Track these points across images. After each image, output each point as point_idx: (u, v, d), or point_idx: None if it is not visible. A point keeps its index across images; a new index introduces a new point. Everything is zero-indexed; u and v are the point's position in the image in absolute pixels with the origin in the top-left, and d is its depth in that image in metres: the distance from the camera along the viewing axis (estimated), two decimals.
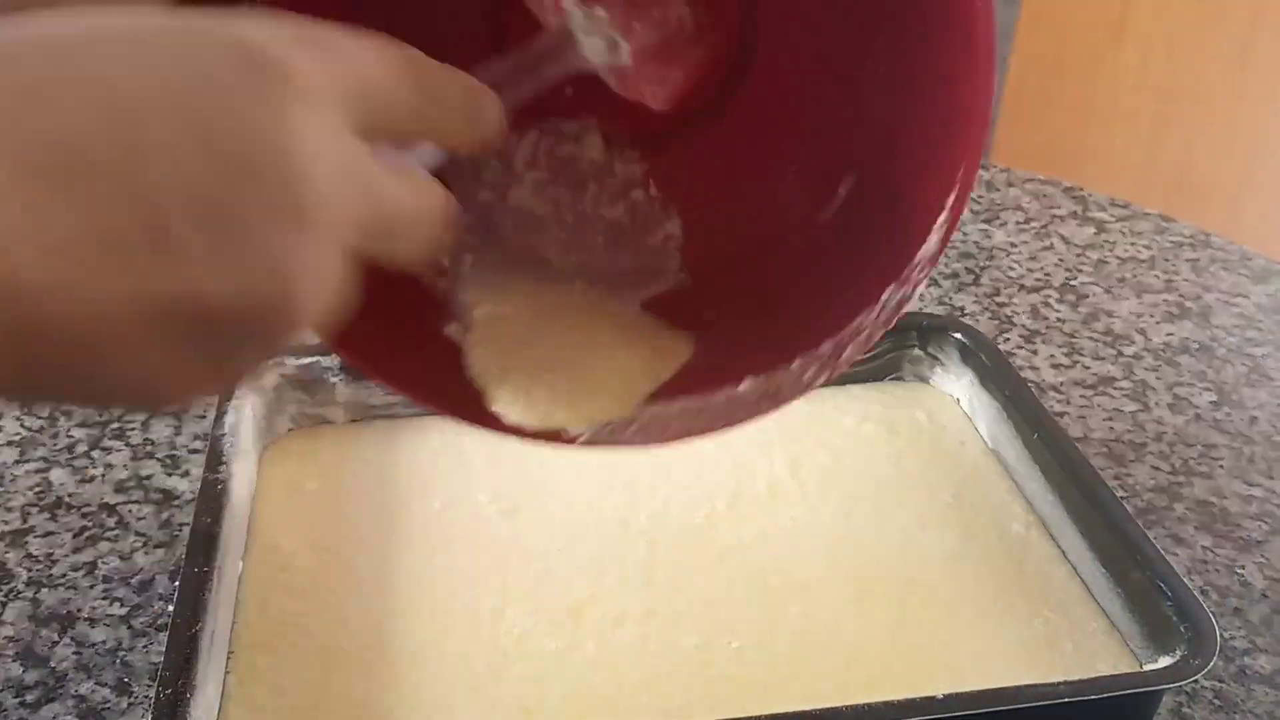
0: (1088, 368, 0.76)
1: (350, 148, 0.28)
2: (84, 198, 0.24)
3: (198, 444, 0.66)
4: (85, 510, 0.61)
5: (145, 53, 0.26)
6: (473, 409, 0.48)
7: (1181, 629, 0.49)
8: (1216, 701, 0.53)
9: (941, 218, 0.43)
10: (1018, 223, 0.94)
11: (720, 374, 0.49)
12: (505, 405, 0.46)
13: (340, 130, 0.28)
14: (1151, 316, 0.82)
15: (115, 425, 0.67)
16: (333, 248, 0.28)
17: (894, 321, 0.45)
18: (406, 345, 0.48)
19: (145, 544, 0.59)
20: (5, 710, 0.50)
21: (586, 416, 0.47)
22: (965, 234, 0.92)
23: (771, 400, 0.47)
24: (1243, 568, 0.60)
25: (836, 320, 0.48)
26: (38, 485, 0.63)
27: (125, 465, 0.64)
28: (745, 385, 0.48)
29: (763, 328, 0.51)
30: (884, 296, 0.46)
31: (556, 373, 0.47)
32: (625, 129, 0.51)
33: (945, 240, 0.44)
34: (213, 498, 0.54)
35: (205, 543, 0.51)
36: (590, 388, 0.47)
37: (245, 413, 0.59)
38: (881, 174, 0.49)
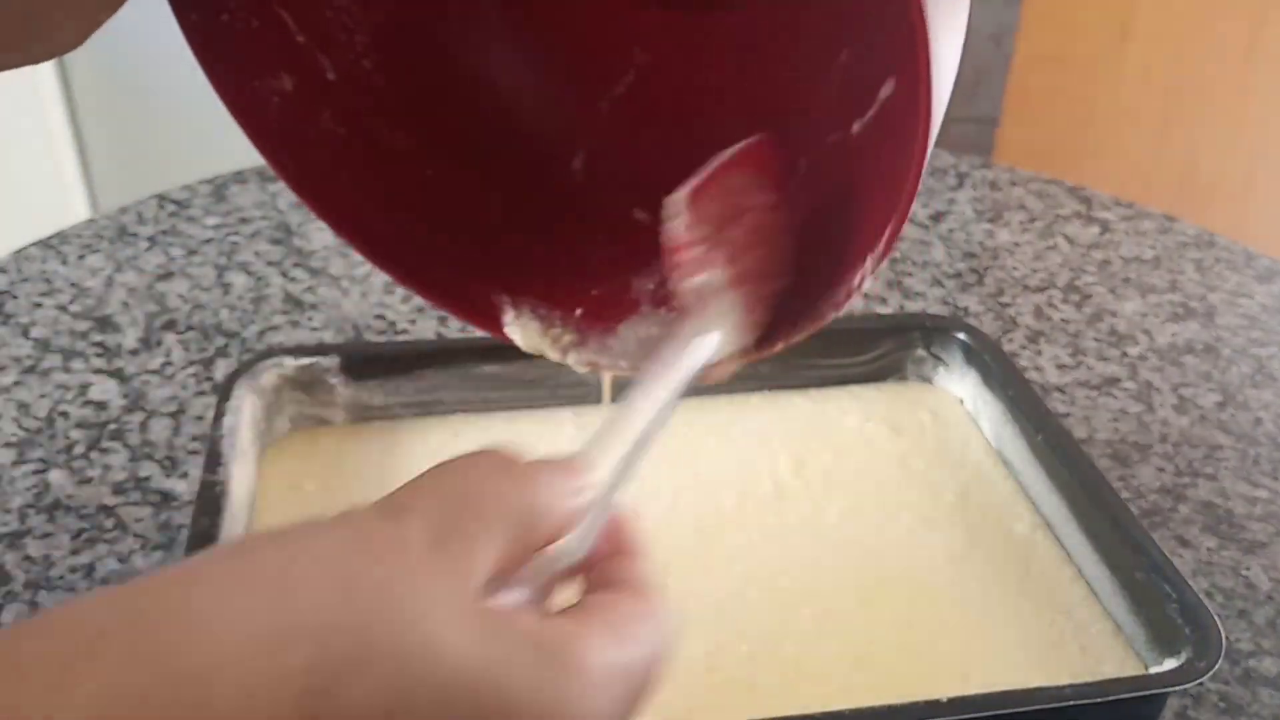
0: (1092, 368, 0.76)
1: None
2: None
3: (196, 445, 0.65)
4: (83, 512, 0.61)
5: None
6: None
7: (1187, 631, 0.49)
8: (1222, 704, 0.53)
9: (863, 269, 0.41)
10: (1021, 223, 0.94)
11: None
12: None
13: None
14: (1156, 317, 0.82)
15: (114, 426, 0.67)
16: None
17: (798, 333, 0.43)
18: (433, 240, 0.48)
19: (144, 546, 0.59)
20: None
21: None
22: (969, 234, 0.92)
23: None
24: (1248, 570, 0.60)
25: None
26: (35, 486, 0.62)
27: (124, 467, 0.64)
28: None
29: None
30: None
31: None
32: None
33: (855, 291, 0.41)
34: (211, 499, 0.53)
35: (204, 545, 0.51)
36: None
37: (244, 414, 0.59)
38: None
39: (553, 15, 0.48)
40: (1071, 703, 0.45)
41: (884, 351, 0.68)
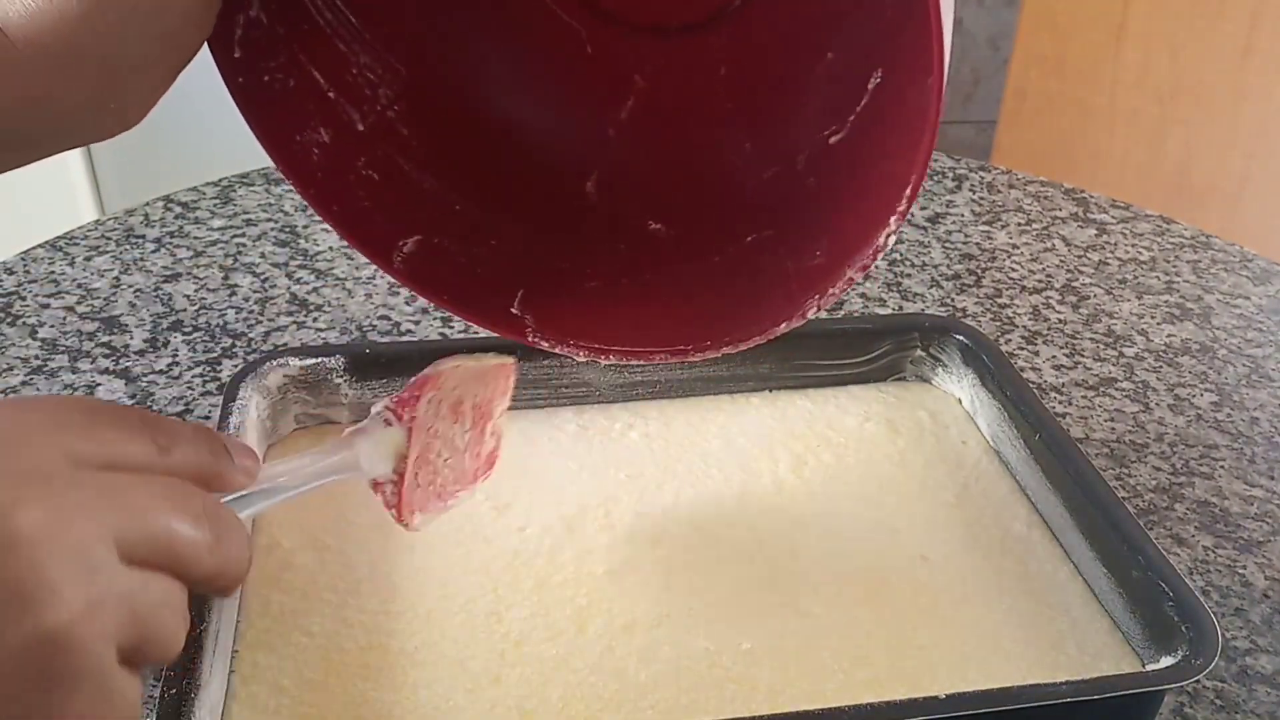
0: (1089, 369, 0.76)
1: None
2: None
3: None
4: None
5: None
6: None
7: (1183, 629, 0.49)
8: (1218, 702, 0.53)
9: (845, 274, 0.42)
10: (1019, 224, 0.94)
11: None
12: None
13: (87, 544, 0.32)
14: (1152, 317, 0.82)
15: None
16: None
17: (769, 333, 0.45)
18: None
19: None
20: None
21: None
22: (967, 236, 0.92)
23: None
24: (1244, 568, 0.61)
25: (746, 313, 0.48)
26: None
27: None
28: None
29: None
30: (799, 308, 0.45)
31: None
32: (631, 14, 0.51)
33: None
34: None
35: None
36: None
37: (250, 413, 0.59)
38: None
39: (556, 56, 0.52)
40: (1069, 700, 0.46)
41: (883, 352, 0.68)
